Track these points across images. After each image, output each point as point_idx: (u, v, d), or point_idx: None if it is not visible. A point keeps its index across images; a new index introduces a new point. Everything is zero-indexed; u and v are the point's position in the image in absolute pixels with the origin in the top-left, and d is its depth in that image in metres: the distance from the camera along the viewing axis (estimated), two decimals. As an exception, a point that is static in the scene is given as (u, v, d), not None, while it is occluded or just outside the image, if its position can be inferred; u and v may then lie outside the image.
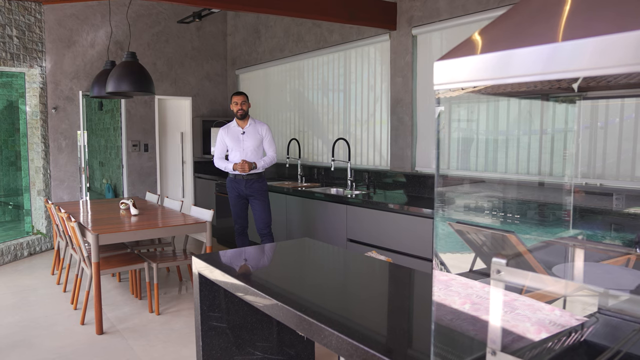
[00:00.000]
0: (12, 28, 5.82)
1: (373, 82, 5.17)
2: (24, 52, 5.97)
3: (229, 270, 2.12)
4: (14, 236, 6.42)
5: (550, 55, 0.76)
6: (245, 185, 4.63)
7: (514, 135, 1.75)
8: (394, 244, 4.03)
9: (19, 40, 5.91)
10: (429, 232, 3.72)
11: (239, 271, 2.20)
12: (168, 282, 4.96)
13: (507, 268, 1.05)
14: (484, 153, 1.80)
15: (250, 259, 2.47)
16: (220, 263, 2.27)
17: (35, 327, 3.82)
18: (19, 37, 5.90)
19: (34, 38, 6.09)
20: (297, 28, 6.20)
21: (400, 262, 3.97)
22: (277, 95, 6.72)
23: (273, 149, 4.77)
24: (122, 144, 6.96)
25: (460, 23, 4.23)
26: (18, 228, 7.20)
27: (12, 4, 5.81)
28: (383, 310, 1.77)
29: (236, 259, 2.45)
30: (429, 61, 4.56)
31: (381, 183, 5.01)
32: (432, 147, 4.58)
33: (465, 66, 0.92)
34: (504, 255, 1.06)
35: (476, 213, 1.64)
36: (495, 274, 1.06)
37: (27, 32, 6.00)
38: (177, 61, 7.26)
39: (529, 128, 1.75)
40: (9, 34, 5.79)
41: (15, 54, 5.87)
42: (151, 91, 4.44)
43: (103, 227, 3.88)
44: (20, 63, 5.94)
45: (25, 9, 5.96)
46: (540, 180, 1.95)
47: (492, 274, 1.06)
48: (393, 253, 4.02)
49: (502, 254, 1.06)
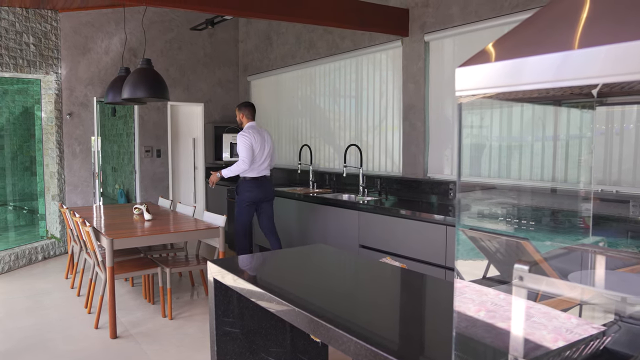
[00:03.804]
0: (29, 35, 5.91)
1: (385, 88, 5.17)
2: (40, 59, 6.05)
3: (244, 275, 2.13)
4: (28, 240, 6.48)
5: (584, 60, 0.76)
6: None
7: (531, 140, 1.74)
8: (406, 250, 4.02)
9: (36, 47, 5.99)
10: (442, 238, 3.71)
11: (254, 276, 2.21)
12: (180, 287, 4.98)
13: (529, 275, 1.05)
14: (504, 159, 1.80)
15: (265, 264, 2.48)
16: (235, 268, 2.28)
17: (49, 330, 3.85)
18: (35, 44, 5.99)
19: (50, 45, 6.18)
20: (308, 35, 6.23)
21: (413, 268, 3.95)
22: (289, 101, 6.75)
23: (240, 156, 4.88)
24: (135, 149, 7.02)
25: (473, 29, 4.22)
26: (32, 232, 7.27)
27: (29, 12, 5.91)
28: (400, 316, 1.76)
29: (250, 264, 2.45)
30: (441, 67, 4.56)
31: (393, 189, 5.01)
32: (445, 153, 4.57)
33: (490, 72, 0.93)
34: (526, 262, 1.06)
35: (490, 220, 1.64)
36: (517, 280, 1.06)
37: (44, 40, 6.09)
38: (189, 68, 7.32)
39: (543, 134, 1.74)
40: (26, 41, 5.88)
41: (32, 61, 5.96)
42: (166, 97, 4.48)
43: (117, 232, 3.91)
44: (37, 70, 6.02)
45: (42, 16, 6.05)
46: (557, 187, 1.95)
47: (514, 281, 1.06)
48: (405, 259, 4.01)
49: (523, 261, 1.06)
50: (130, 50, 6.75)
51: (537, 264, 1.18)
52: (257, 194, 4.90)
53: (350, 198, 5.17)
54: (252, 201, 4.91)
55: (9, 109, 8.69)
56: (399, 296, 2.02)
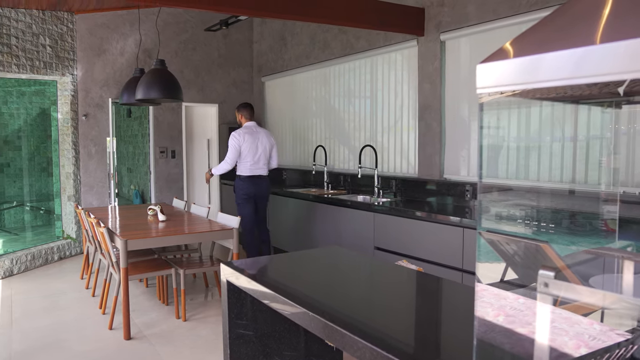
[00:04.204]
0: (46, 37, 5.96)
1: (400, 88, 5.12)
2: (56, 61, 6.10)
3: (257, 278, 2.10)
4: (45, 240, 6.54)
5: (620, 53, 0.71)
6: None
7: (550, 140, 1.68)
8: (422, 252, 3.96)
9: (52, 49, 6.05)
10: (458, 241, 3.64)
11: (267, 278, 2.17)
12: (195, 288, 4.98)
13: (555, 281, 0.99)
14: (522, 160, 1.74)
15: (279, 266, 2.44)
16: (248, 270, 2.25)
17: (64, 330, 3.87)
18: (51, 46, 6.04)
19: (66, 47, 6.23)
20: (323, 35, 6.19)
21: (429, 271, 3.89)
22: (303, 102, 6.73)
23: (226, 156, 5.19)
24: (150, 150, 7.05)
25: (490, 28, 4.15)
26: (49, 232, 7.34)
27: (46, 14, 5.96)
28: (417, 321, 1.71)
29: (264, 266, 2.42)
30: (457, 67, 4.50)
31: (409, 190, 4.95)
32: (462, 154, 4.50)
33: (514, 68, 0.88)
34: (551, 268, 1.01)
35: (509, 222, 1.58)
36: (542, 287, 1.00)
37: (60, 41, 6.14)
38: (204, 68, 7.33)
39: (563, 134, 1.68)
40: (42, 43, 5.93)
41: (48, 63, 6.01)
42: (179, 98, 4.48)
43: (131, 233, 3.91)
44: (53, 71, 6.07)
45: (58, 18, 6.11)
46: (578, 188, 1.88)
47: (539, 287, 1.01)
48: (421, 262, 3.95)
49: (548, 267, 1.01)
50: (145, 52, 6.78)
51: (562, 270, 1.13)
52: (251, 192, 5.16)
53: (365, 199, 5.13)
54: (248, 195, 5.16)
55: (26, 111, 8.80)
56: (416, 300, 1.97)
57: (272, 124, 7.47)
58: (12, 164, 8.71)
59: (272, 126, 7.48)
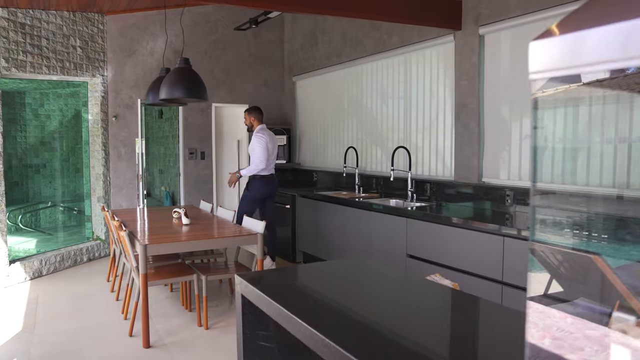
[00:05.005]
0: (76, 39, 5.95)
1: (435, 86, 4.83)
2: (86, 62, 6.09)
3: (274, 294, 1.89)
4: (77, 241, 6.55)
5: None
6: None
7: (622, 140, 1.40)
8: (458, 262, 3.68)
9: (82, 50, 6.03)
10: (498, 250, 3.35)
11: (283, 296, 1.96)
12: (220, 293, 4.83)
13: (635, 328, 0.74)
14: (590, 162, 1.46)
15: (297, 281, 2.23)
16: (263, 285, 2.04)
17: (85, 336, 3.77)
18: (82, 47, 6.02)
19: (97, 48, 6.21)
20: (355, 32, 5.96)
21: (465, 284, 3.61)
22: (335, 102, 6.51)
23: (252, 158, 5.31)
24: (180, 151, 6.97)
25: (534, 20, 3.83)
26: (81, 233, 7.38)
27: (77, 16, 5.95)
28: (451, 354, 1.47)
29: (281, 280, 2.21)
30: (497, 63, 4.19)
31: (444, 194, 4.66)
32: (502, 156, 4.19)
33: (590, 40, 0.63)
34: (630, 310, 0.76)
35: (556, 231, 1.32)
36: (620, 335, 0.76)
37: (90, 43, 6.12)
38: (234, 69, 7.21)
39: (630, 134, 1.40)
40: (73, 44, 5.92)
41: (79, 64, 6.00)
42: (204, 98, 4.33)
43: (152, 237, 3.78)
44: (83, 72, 6.06)
45: (88, 20, 6.09)
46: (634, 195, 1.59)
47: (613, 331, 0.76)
48: (457, 272, 3.67)
49: (627, 308, 0.76)
50: (176, 52, 6.70)
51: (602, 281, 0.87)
52: (267, 191, 5.34)
53: (398, 204, 4.87)
54: (261, 198, 5.34)
55: (62, 112, 8.91)
56: (451, 326, 1.72)
57: (303, 125, 7.28)
58: (48, 164, 8.84)
59: (303, 127, 7.29)
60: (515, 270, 3.24)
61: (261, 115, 5.53)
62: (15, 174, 8.51)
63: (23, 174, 8.61)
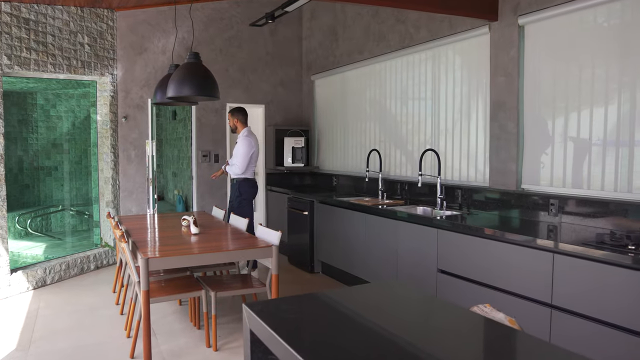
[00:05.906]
0: (84, 35, 5.66)
1: (467, 83, 4.41)
2: (95, 60, 5.80)
3: (289, 337, 1.50)
4: (87, 246, 6.27)
5: None
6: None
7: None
8: (497, 280, 3.25)
9: (91, 47, 5.74)
10: (546, 268, 2.91)
11: (301, 340, 1.57)
12: (233, 307, 4.46)
13: None
14: None
15: (315, 314, 1.83)
16: (277, 321, 1.65)
17: (82, 356, 3.43)
18: (90, 44, 5.74)
19: (106, 45, 5.91)
20: (378, 26, 5.56)
21: (505, 304, 3.18)
22: (356, 101, 6.11)
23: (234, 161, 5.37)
24: (192, 154, 6.65)
25: (581, 7, 3.40)
26: (91, 239, 7.10)
27: (84, 11, 5.66)
28: None
29: (301, 314, 1.82)
30: (539, 56, 3.75)
31: (478, 202, 4.23)
32: (543, 160, 3.74)
33: None
34: None
35: None
36: None
37: (99, 40, 5.83)
38: (250, 67, 6.87)
39: None
40: (81, 41, 5.64)
41: (86, 62, 5.71)
42: (215, 96, 3.98)
43: (156, 249, 3.43)
44: (92, 71, 5.77)
45: (97, 15, 5.80)
46: None
47: None
48: (496, 291, 3.24)
49: None
50: (189, 49, 6.38)
51: None
52: (254, 192, 5.50)
53: (426, 212, 4.45)
54: (252, 198, 5.50)
55: (74, 113, 8.67)
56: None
57: (322, 126, 6.90)
58: (60, 167, 8.60)
59: (322, 128, 6.90)
60: (568, 292, 2.81)
61: (246, 118, 5.48)
62: (27, 177, 8.29)
63: (34, 177, 8.39)
